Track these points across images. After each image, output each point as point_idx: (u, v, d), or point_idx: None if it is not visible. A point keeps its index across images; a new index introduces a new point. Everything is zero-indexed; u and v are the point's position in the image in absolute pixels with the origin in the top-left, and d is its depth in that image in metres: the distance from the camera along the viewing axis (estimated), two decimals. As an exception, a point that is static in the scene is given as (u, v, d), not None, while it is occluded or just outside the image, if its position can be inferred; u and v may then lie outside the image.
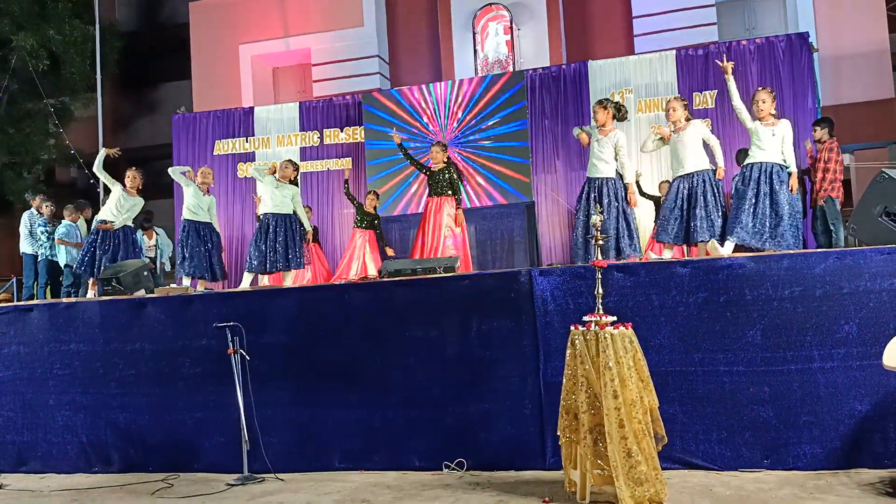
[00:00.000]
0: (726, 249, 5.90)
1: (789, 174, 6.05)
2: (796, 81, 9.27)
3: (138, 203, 7.82)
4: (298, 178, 8.22)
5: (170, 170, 8.05)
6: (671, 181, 6.40)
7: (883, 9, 11.28)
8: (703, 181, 6.14)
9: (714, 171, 6.20)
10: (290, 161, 7.99)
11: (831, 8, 11.26)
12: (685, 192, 6.19)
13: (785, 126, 6.04)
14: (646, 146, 6.56)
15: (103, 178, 7.89)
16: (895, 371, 4.01)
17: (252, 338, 5.32)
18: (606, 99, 6.76)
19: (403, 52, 13.62)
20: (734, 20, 12.43)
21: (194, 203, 7.77)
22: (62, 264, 9.36)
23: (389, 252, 9.43)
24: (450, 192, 7.81)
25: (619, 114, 6.56)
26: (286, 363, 5.52)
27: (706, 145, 6.32)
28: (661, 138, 6.43)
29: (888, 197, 5.26)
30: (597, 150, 6.42)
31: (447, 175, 7.83)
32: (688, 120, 6.34)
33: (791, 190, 5.94)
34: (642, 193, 8.52)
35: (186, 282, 7.62)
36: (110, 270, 6.87)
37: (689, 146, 6.20)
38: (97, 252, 7.50)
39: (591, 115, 6.55)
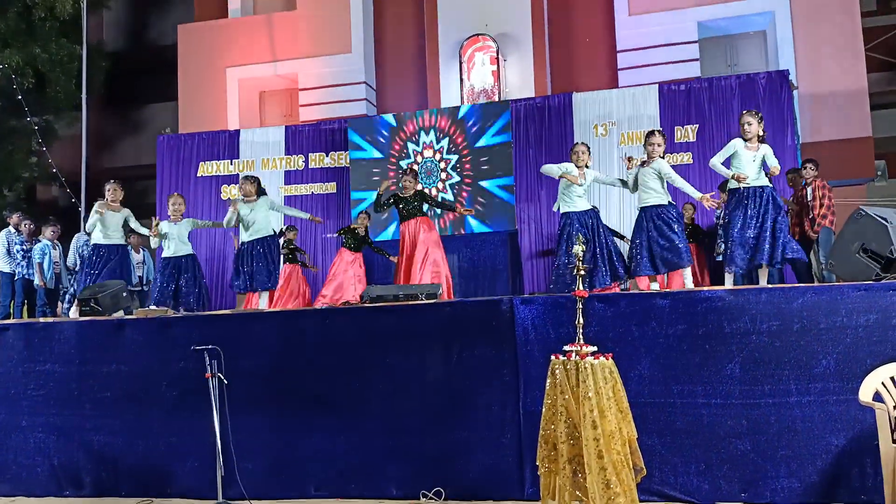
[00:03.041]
0: (727, 282, 6.12)
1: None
2: (776, 118, 9.45)
3: (125, 215, 7.71)
4: (263, 187, 7.93)
5: (152, 241, 7.74)
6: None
7: (861, 49, 11.52)
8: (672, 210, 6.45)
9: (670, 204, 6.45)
10: (244, 178, 7.76)
11: (811, 47, 11.50)
12: (652, 222, 6.39)
13: (765, 148, 6.18)
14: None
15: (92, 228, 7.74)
16: (871, 407, 4.04)
17: (231, 361, 5.26)
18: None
19: (390, 80, 13.72)
20: (716, 56, 12.64)
21: (167, 237, 7.67)
22: (35, 285, 9.29)
23: (394, 259, 9.42)
24: (422, 213, 7.88)
25: None
26: (264, 387, 5.46)
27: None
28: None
29: (865, 234, 5.34)
30: (584, 187, 6.69)
31: (416, 200, 7.89)
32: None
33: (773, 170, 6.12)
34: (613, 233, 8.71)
35: None
36: (89, 291, 6.80)
37: (656, 180, 6.43)
38: (96, 274, 7.40)
39: (576, 154, 6.71)
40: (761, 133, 6.19)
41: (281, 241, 9.74)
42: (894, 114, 15.41)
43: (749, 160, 6.10)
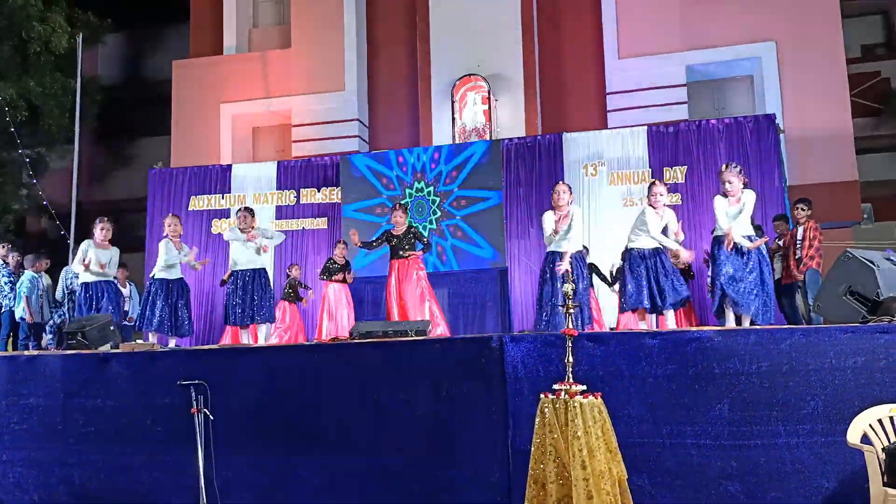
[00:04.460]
0: (729, 322, 6.20)
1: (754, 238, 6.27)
2: (763, 161, 9.57)
3: (114, 254, 7.66)
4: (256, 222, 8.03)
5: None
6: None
7: (847, 94, 11.75)
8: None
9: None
10: (245, 211, 7.83)
11: (798, 92, 11.71)
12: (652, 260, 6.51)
13: (748, 195, 6.25)
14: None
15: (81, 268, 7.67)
16: (859, 449, 4.03)
17: (217, 397, 5.22)
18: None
19: (383, 117, 13.85)
20: (704, 100, 12.86)
21: (172, 262, 7.63)
22: (17, 318, 9.22)
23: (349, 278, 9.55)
24: (415, 251, 7.88)
25: None
26: (250, 423, 5.40)
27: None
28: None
29: (852, 276, 5.38)
30: (568, 229, 6.75)
31: (409, 236, 7.88)
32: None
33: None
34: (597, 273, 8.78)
35: (153, 338, 7.49)
36: (76, 324, 6.75)
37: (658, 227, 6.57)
38: (84, 309, 7.34)
39: (557, 194, 6.78)
40: (741, 185, 6.31)
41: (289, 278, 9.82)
42: (880, 158, 15.68)
43: (736, 211, 6.23)
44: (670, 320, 6.50)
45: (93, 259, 7.45)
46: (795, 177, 11.14)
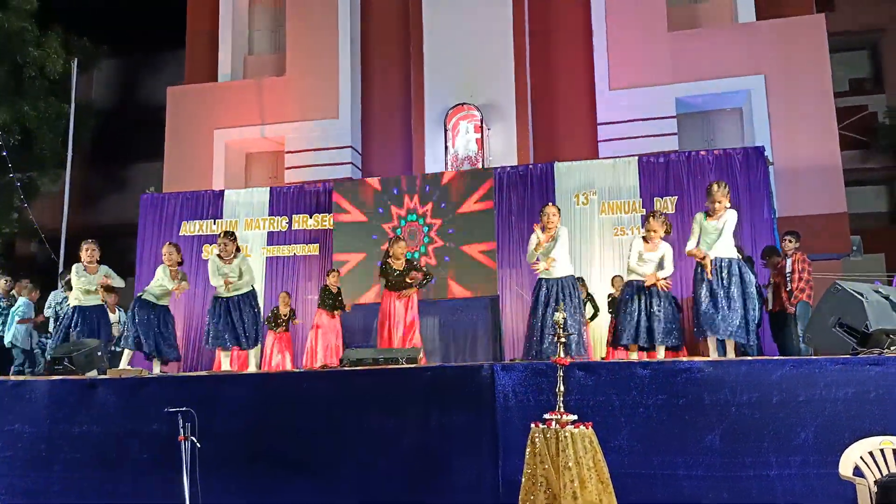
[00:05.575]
0: (711, 349, 6.22)
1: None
2: (753, 192, 9.65)
3: (103, 273, 7.55)
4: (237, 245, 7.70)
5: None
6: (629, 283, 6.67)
7: (835, 127, 11.88)
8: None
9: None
10: (226, 237, 7.48)
11: (786, 124, 11.84)
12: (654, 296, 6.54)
13: (728, 215, 6.26)
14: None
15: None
16: (851, 482, 4.02)
17: (205, 424, 5.14)
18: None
19: (376, 145, 13.91)
20: (694, 132, 12.98)
21: (162, 290, 7.55)
22: (8, 342, 9.12)
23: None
24: (411, 287, 7.80)
25: None
26: (239, 451, 5.35)
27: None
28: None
29: (842, 308, 5.41)
30: (557, 250, 6.64)
31: (406, 271, 7.80)
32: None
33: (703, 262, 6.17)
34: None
35: (127, 356, 7.35)
36: (63, 349, 6.69)
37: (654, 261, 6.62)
38: (70, 333, 7.25)
39: (546, 216, 6.71)
40: (728, 204, 6.30)
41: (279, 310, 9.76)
42: (868, 190, 15.84)
43: (714, 231, 6.21)
44: (660, 352, 6.49)
45: (83, 283, 7.40)
46: (785, 209, 11.21)
